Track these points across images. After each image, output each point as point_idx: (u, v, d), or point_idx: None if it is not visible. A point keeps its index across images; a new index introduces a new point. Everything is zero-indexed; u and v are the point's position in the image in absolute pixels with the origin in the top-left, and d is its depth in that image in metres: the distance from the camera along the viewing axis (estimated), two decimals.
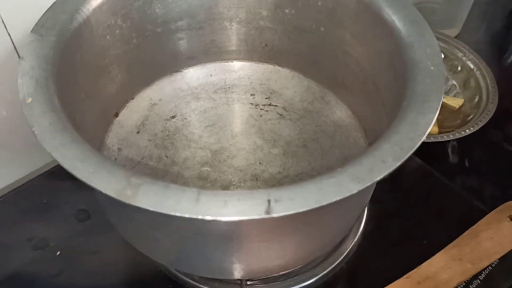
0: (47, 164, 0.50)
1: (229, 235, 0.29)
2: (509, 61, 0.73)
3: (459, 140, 0.61)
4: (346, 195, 0.25)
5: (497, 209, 0.43)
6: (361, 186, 0.25)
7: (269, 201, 0.25)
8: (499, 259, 0.41)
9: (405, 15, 0.35)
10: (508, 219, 0.43)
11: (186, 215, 0.24)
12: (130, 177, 0.26)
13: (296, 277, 0.39)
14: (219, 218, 0.24)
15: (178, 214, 0.24)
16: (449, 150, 0.61)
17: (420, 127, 0.28)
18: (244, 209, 0.24)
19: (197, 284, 0.39)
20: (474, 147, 0.61)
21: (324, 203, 0.25)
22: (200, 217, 0.24)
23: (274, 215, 0.24)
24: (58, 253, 0.41)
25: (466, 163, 0.60)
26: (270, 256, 0.32)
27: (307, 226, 0.30)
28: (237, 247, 0.30)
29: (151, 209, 0.24)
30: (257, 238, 0.30)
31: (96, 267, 0.41)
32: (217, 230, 0.29)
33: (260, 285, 0.39)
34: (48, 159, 0.49)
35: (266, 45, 0.47)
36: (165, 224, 0.30)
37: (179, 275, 0.39)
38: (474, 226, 0.42)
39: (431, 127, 0.28)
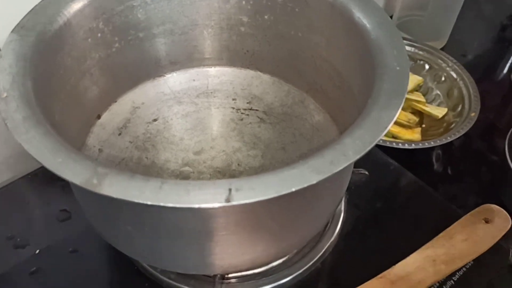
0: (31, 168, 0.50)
1: (197, 227, 0.30)
2: (500, 76, 0.74)
3: (443, 149, 0.62)
4: (305, 185, 0.26)
5: (472, 211, 0.44)
6: (321, 177, 0.26)
7: (230, 190, 0.25)
8: (473, 260, 0.41)
9: (375, 18, 0.36)
10: (483, 221, 0.43)
11: (149, 202, 0.25)
12: (97, 167, 0.26)
13: (271, 276, 0.40)
14: (179, 205, 0.25)
15: (140, 201, 0.25)
16: (433, 158, 0.62)
17: (382, 122, 0.29)
18: (205, 197, 0.25)
19: (173, 282, 0.39)
20: (456, 156, 0.62)
21: (283, 192, 0.25)
22: (162, 204, 0.25)
23: (234, 203, 0.25)
24: (37, 251, 0.42)
25: (449, 171, 0.61)
26: (240, 250, 0.32)
27: (274, 219, 0.31)
28: (206, 240, 0.31)
29: (114, 196, 0.25)
30: (226, 231, 0.30)
31: (74, 265, 0.41)
32: (185, 222, 0.30)
33: (235, 284, 0.39)
34: (33, 165, 0.50)
35: (247, 51, 0.48)
36: (134, 216, 0.30)
37: (156, 273, 0.40)
38: (449, 228, 0.43)
39: (393, 123, 0.29)
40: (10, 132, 0.28)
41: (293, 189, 0.26)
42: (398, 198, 0.48)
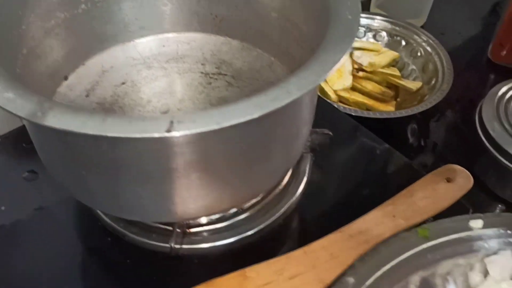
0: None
1: (147, 167, 0.30)
2: (477, 53, 0.74)
3: (417, 121, 0.63)
4: (246, 118, 0.26)
5: (435, 171, 0.44)
6: (262, 112, 0.27)
7: (171, 122, 0.26)
8: (433, 217, 0.42)
9: None
10: (445, 180, 0.43)
11: (91, 132, 0.25)
12: (43, 102, 0.27)
13: (233, 230, 0.40)
14: (121, 135, 0.25)
15: (82, 131, 0.25)
16: (408, 131, 0.63)
17: (328, 64, 0.30)
18: (147, 127, 0.26)
19: (134, 236, 0.40)
20: (429, 127, 0.63)
21: (224, 125, 0.26)
22: (103, 133, 0.25)
23: (174, 133, 0.25)
24: (3, 208, 0.42)
25: (422, 142, 0.61)
26: (193, 194, 0.33)
27: (224, 159, 0.32)
28: (158, 182, 0.31)
29: (57, 127, 0.26)
30: (176, 173, 0.31)
31: (38, 222, 0.42)
32: (135, 161, 0.30)
33: (197, 237, 0.40)
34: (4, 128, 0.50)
35: (216, 16, 0.49)
36: (86, 158, 0.31)
37: (118, 228, 0.40)
38: (410, 186, 0.43)
39: (338, 65, 0.29)
40: None
41: (234, 122, 0.26)
42: (362, 159, 0.48)
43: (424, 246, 0.37)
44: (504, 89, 0.56)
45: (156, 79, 0.48)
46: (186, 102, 0.46)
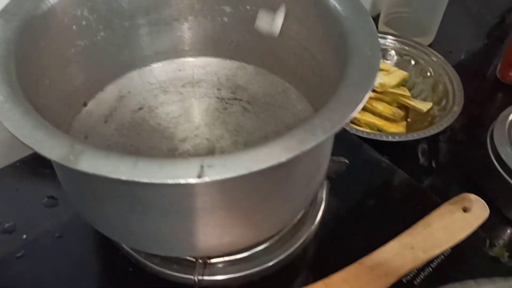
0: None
1: (173, 206, 0.31)
2: (486, 72, 0.75)
3: (428, 142, 0.63)
4: (275, 162, 0.27)
5: (451, 200, 0.45)
6: (290, 155, 0.27)
7: (202, 166, 0.26)
8: (451, 248, 0.42)
9: (349, 6, 0.37)
10: (461, 210, 0.44)
11: (123, 178, 0.26)
12: (74, 144, 0.27)
13: (252, 262, 0.40)
14: (153, 181, 0.26)
15: (115, 176, 0.26)
16: (418, 152, 0.63)
17: (351, 104, 0.30)
18: (178, 173, 0.26)
19: (156, 267, 0.40)
20: (440, 149, 0.63)
21: (253, 169, 0.26)
22: (136, 179, 0.26)
23: (206, 179, 0.26)
24: (24, 236, 0.43)
25: (433, 164, 0.62)
26: (217, 232, 0.33)
27: (249, 199, 0.32)
28: (183, 219, 0.32)
29: (90, 172, 0.26)
30: (202, 211, 0.31)
31: (60, 250, 0.42)
32: (161, 200, 0.30)
33: (218, 268, 0.40)
34: (23, 153, 0.51)
35: (231, 41, 0.49)
36: (111, 194, 0.31)
37: (140, 258, 0.40)
38: (427, 216, 0.43)
39: (362, 105, 0.30)
40: None
41: (263, 167, 0.26)
42: (378, 187, 0.49)
43: None
44: None
45: (172, 104, 0.48)
46: (203, 128, 0.47)
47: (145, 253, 0.40)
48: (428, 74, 0.68)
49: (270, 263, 0.41)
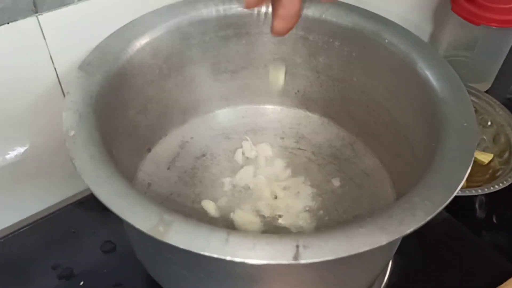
0: (77, 194, 0.51)
1: (256, 279, 0.29)
2: None
3: (487, 195, 0.61)
4: (375, 246, 0.25)
5: None
6: (390, 238, 0.26)
7: (297, 246, 0.25)
8: None
9: (438, 70, 0.36)
10: None
11: (215, 255, 0.25)
12: (163, 214, 0.26)
13: None
14: (247, 261, 0.24)
15: (207, 253, 0.25)
16: (477, 205, 0.60)
17: (452, 183, 0.28)
18: (273, 253, 0.25)
19: None
20: (502, 203, 0.60)
21: (353, 253, 0.25)
22: (229, 258, 0.24)
23: (302, 261, 0.24)
24: (82, 283, 0.42)
25: (494, 219, 0.59)
26: None
27: (331, 274, 0.30)
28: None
29: (181, 247, 0.25)
30: (281, 284, 0.30)
31: None
32: (243, 273, 0.29)
33: None
34: (79, 189, 0.50)
35: (298, 91, 0.48)
36: (193, 263, 0.30)
37: None
38: (502, 285, 0.41)
39: (462, 184, 0.28)
40: (78, 172, 0.28)
41: (363, 250, 0.25)
42: (447, 249, 0.46)
43: None
44: None
45: (235, 151, 0.47)
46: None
47: None
48: (489, 123, 0.66)
49: None
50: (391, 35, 0.39)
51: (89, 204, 0.48)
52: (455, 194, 0.28)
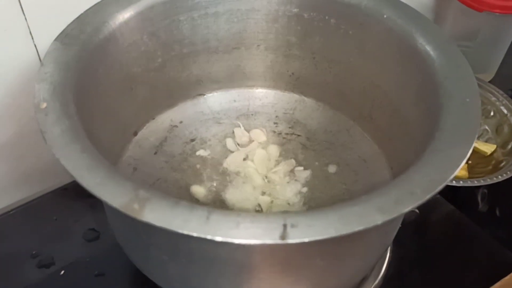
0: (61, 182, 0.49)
1: (239, 261, 0.27)
2: None
3: (490, 186, 0.59)
4: (370, 225, 0.23)
5: None
6: (386, 218, 0.23)
7: (285, 225, 0.23)
8: None
9: (439, 45, 0.33)
10: None
11: (195, 234, 0.22)
12: (138, 190, 0.24)
13: None
14: (230, 240, 0.22)
15: (186, 232, 0.22)
16: (479, 196, 0.58)
17: (454, 159, 0.26)
18: (258, 232, 0.22)
19: None
20: (505, 195, 0.58)
21: (344, 232, 0.23)
22: (209, 237, 0.22)
23: (290, 241, 0.22)
24: (62, 272, 0.40)
25: (497, 211, 0.57)
26: None
27: (323, 259, 0.28)
28: (247, 275, 0.28)
29: (157, 224, 0.23)
30: (269, 269, 0.28)
31: None
32: (226, 255, 0.27)
33: None
34: (64, 179, 0.48)
35: (292, 73, 0.46)
36: (172, 246, 0.28)
37: None
38: (506, 278, 0.39)
39: (465, 161, 0.26)
40: (47, 145, 0.26)
41: (356, 229, 0.23)
42: (448, 240, 0.44)
43: None
44: None
45: (225, 136, 0.45)
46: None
47: None
48: (492, 114, 0.64)
49: None
50: (389, 10, 0.37)
51: (73, 191, 0.46)
52: (457, 171, 0.25)
